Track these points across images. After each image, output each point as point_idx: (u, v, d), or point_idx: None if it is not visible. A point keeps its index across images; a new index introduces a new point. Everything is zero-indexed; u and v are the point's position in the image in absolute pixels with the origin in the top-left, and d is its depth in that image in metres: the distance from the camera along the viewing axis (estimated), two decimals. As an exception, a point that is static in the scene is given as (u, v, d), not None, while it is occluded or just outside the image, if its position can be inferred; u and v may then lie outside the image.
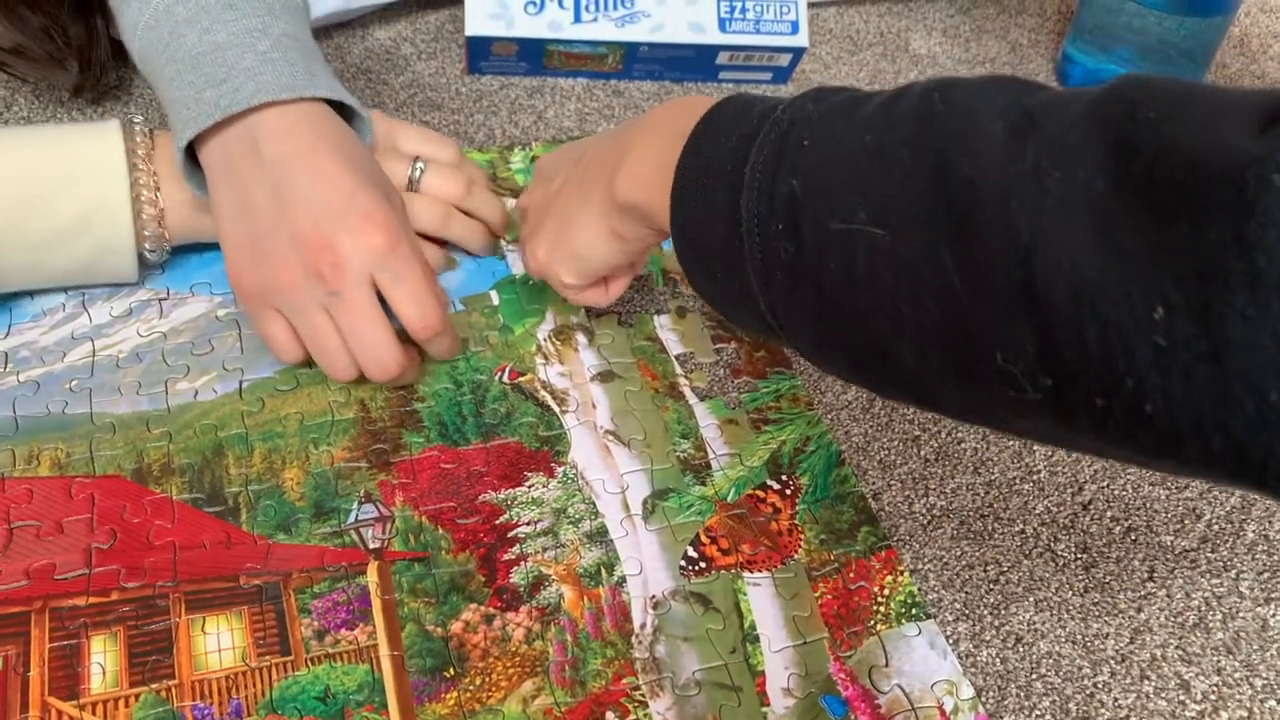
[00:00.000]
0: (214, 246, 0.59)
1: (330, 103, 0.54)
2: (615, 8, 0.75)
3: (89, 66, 0.68)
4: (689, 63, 0.78)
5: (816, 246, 0.36)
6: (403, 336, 0.54)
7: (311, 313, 0.52)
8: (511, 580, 0.50)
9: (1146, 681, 0.50)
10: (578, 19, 0.75)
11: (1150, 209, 0.27)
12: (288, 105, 0.52)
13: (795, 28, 0.77)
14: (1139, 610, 0.52)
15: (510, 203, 0.66)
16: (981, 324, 0.31)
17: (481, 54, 0.76)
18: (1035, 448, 0.58)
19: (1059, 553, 0.54)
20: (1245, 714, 0.49)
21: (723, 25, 0.76)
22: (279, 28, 0.54)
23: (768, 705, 0.47)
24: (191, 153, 0.54)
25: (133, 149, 0.55)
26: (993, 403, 0.33)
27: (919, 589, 0.52)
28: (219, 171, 0.52)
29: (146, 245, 0.56)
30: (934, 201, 0.32)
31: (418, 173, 0.60)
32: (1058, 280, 0.29)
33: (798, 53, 0.78)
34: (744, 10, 0.77)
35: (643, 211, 0.46)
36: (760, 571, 0.52)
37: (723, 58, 0.77)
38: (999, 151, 0.31)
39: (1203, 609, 0.53)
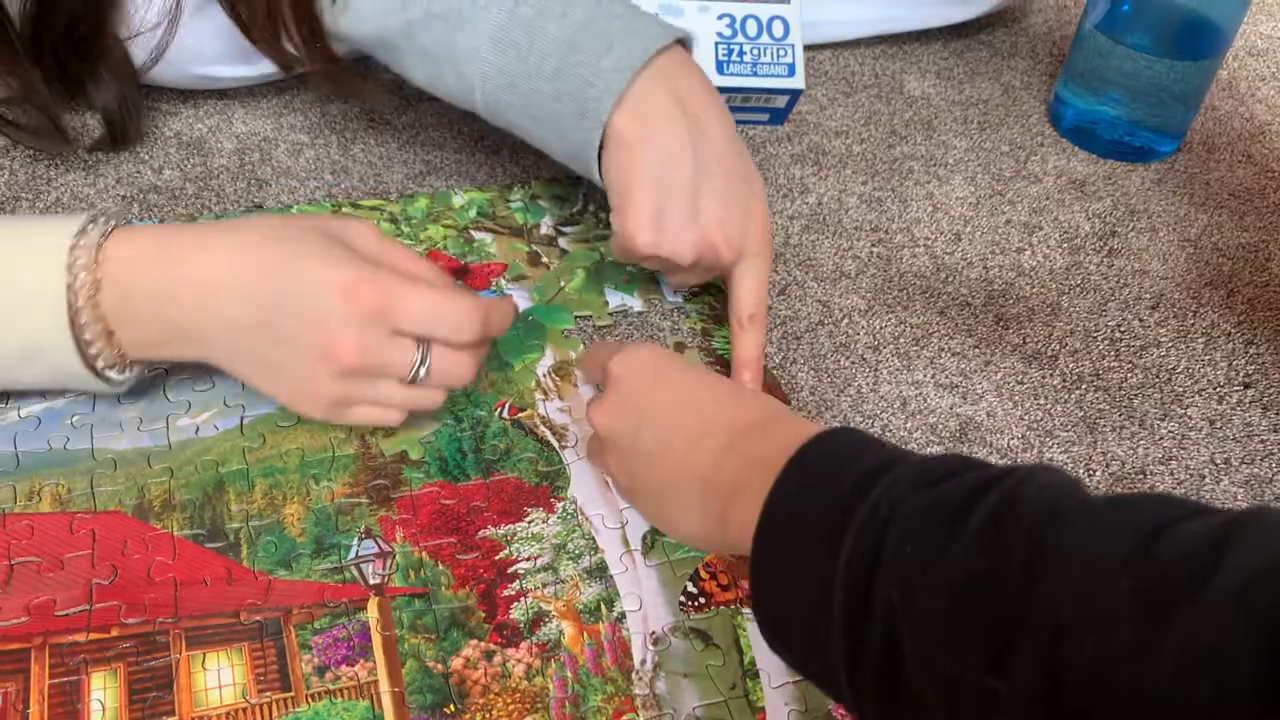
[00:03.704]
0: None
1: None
2: (614, 50, 0.77)
3: (120, 132, 0.69)
4: (687, 104, 0.79)
5: (919, 670, 0.33)
6: None
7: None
8: (511, 616, 0.50)
9: None
10: (577, 61, 0.76)
11: None
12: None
13: (792, 70, 0.78)
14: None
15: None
16: None
17: (482, 95, 0.77)
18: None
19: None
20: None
21: (720, 68, 0.77)
22: None
23: (768, 742, 0.47)
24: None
25: (74, 282, 0.48)
26: None
27: (918, 625, 0.52)
28: None
29: (108, 372, 0.51)
30: (1055, 671, 0.29)
31: (423, 370, 0.50)
32: None
33: (794, 95, 0.79)
34: (741, 53, 0.78)
35: None
36: (760, 607, 0.52)
37: (720, 99, 0.79)
38: (1128, 642, 0.28)
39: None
